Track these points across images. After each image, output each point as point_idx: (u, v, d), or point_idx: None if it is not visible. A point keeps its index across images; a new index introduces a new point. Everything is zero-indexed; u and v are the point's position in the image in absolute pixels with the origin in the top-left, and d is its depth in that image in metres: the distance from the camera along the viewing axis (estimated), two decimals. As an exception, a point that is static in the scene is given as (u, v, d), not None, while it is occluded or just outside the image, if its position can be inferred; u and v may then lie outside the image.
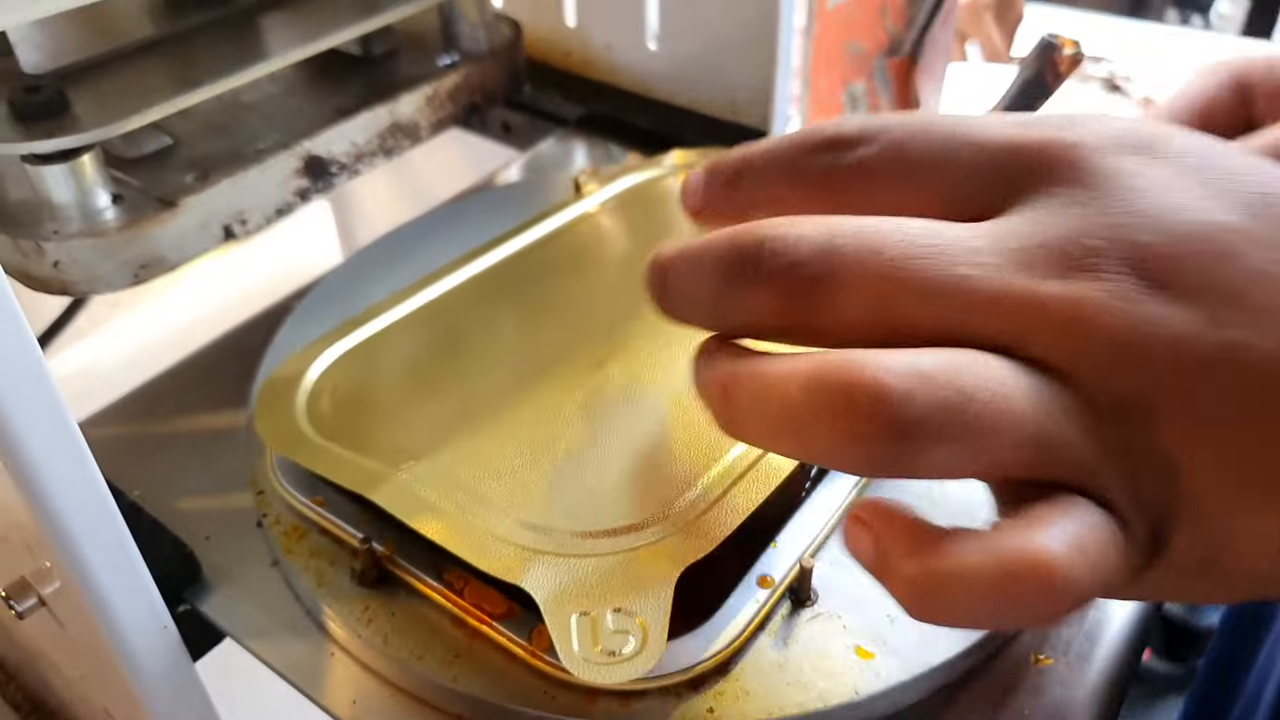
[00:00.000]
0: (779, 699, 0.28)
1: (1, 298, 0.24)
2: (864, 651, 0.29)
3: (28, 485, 0.27)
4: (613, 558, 0.28)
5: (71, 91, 0.38)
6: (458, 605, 0.31)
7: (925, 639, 0.29)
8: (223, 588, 0.35)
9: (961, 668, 0.30)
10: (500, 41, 0.50)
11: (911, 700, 0.29)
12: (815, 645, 0.29)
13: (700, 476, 0.31)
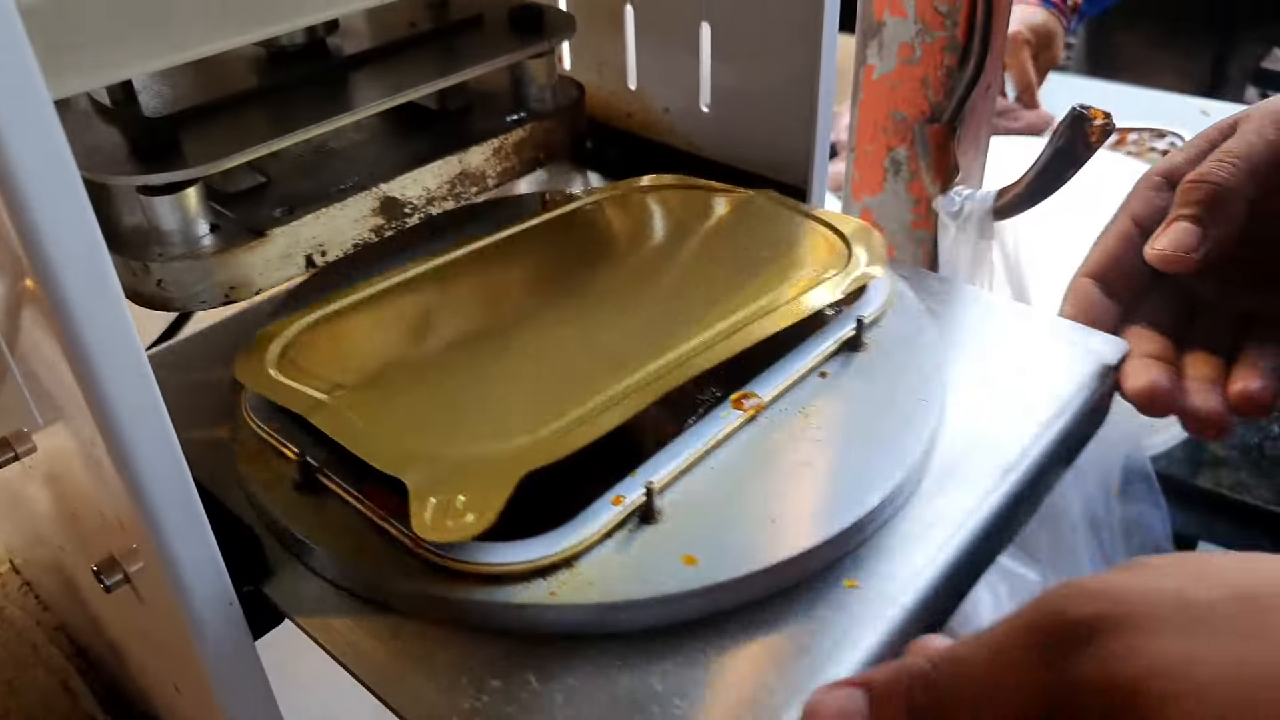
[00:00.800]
0: (612, 588, 0.34)
1: (118, 310, 0.29)
2: (690, 559, 0.34)
3: (128, 472, 0.31)
4: (479, 461, 0.36)
5: (183, 132, 0.44)
6: (364, 505, 0.37)
7: (745, 555, 0.35)
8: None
9: (774, 582, 0.35)
10: (565, 101, 0.55)
11: (730, 604, 0.34)
12: (651, 552, 0.35)
13: (571, 408, 0.38)
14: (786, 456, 0.38)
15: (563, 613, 0.33)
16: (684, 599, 0.33)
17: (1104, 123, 0.54)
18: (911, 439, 0.39)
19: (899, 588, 0.35)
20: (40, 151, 0.25)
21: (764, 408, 0.40)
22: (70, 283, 0.27)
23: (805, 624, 0.34)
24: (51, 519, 0.53)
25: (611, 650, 0.33)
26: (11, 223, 0.26)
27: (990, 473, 0.39)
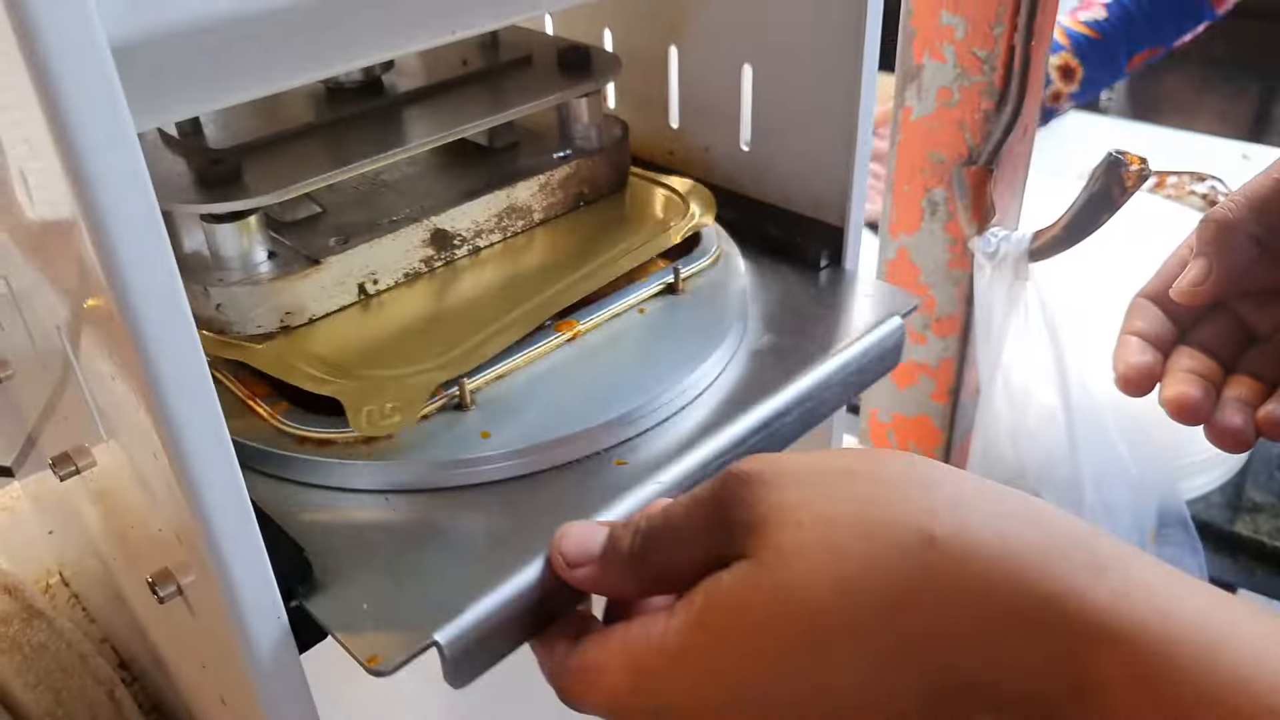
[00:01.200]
0: (419, 452, 0.43)
1: (189, 333, 0.30)
2: (486, 434, 0.43)
3: (189, 487, 0.33)
4: (403, 379, 0.44)
5: (245, 164, 0.45)
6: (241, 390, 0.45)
7: (530, 434, 0.43)
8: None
9: (550, 455, 0.43)
10: (610, 139, 0.57)
11: (519, 470, 0.43)
12: (458, 429, 0.44)
13: (466, 340, 0.47)
14: (589, 369, 0.47)
15: (378, 469, 0.42)
16: (475, 462, 0.42)
17: (1140, 168, 0.55)
18: (695, 359, 0.47)
19: (660, 468, 0.43)
20: (125, 182, 0.27)
21: (582, 333, 0.49)
22: (145, 306, 0.29)
23: (578, 489, 0.42)
24: (102, 532, 0.55)
25: (421, 500, 0.42)
26: (93, 248, 0.28)
27: (768, 388, 0.47)
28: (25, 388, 0.53)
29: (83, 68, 0.25)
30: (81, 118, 0.26)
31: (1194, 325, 0.53)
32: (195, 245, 0.47)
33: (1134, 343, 0.52)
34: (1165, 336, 0.52)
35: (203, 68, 0.32)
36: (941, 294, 0.69)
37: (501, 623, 0.36)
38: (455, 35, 0.40)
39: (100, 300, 0.30)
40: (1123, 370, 0.51)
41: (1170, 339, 0.52)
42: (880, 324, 0.51)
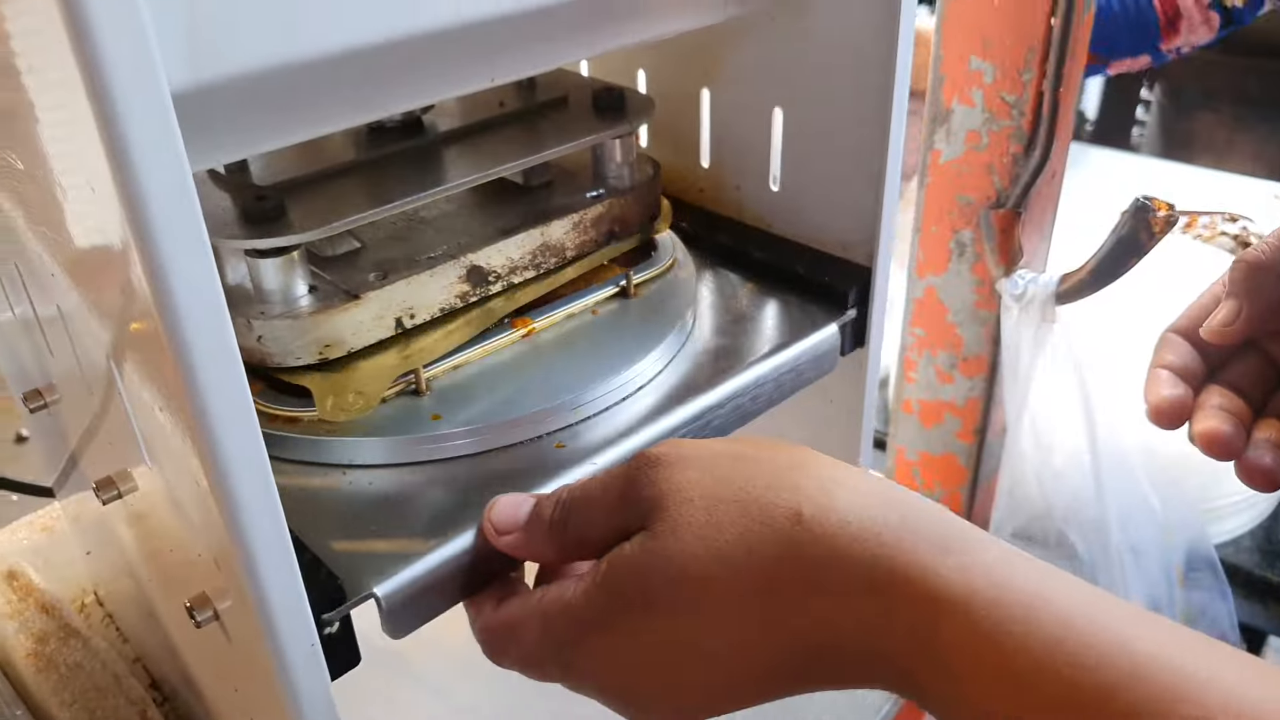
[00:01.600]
0: (385, 433, 0.47)
1: (234, 364, 0.31)
2: (437, 416, 0.48)
3: (231, 515, 0.34)
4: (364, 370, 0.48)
5: (288, 200, 0.47)
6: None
7: (476, 418, 0.47)
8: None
9: (492, 437, 0.47)
10: (641, 179, 0.58)
11: (467, 450, 0.47)
12: (412, 412, 0.48)
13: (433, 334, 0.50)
14: (539, 362, 0.52)
15: (338, 445, 0.47)
16: (425, 441, 0.47)
17: (1167, 214, 0.56)
18: (636, 356, 0.51)
19: (596, 452, 0.47)
20: (179, 219, 0.29)
21: (536, 330, 0.53)
22: (194, 337, 0.30)
23: (518, 468, 0.46)
24: (138, 553, 0.56)
25: (376, 474, 0.46)
26: (148, 281, 0.29)
27: (704, 384, 0.51)
28: (71, 411, 0.55)
29: (146, 112, 0.27)
30: (143, 159, 0.27)
31: (1224, 364, 0.54)
32: (238, 278, 0.48)
33: (1165, 376, 0.53)
34: (1195, 372, 0.53)
35: (255, 113, 0.34)
36: (969, 334, 0.69)
37: (436, 581, 0.41)
38: (494, 82, 0.41)
39: (149, 328, 0.31)
40: (1154, 402, 0.52)
41: (1200, 375, 0.53)
42: (815, 330, 0.56)
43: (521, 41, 0.41)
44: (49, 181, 0.35)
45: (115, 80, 0.26)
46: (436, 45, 0.37)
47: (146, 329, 0.32)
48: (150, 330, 0.31)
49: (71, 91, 0.27)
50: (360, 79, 0.37)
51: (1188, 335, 0.54)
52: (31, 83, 0.31)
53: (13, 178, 0.40)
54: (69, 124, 0.28)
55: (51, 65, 0.27)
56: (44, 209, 0.38)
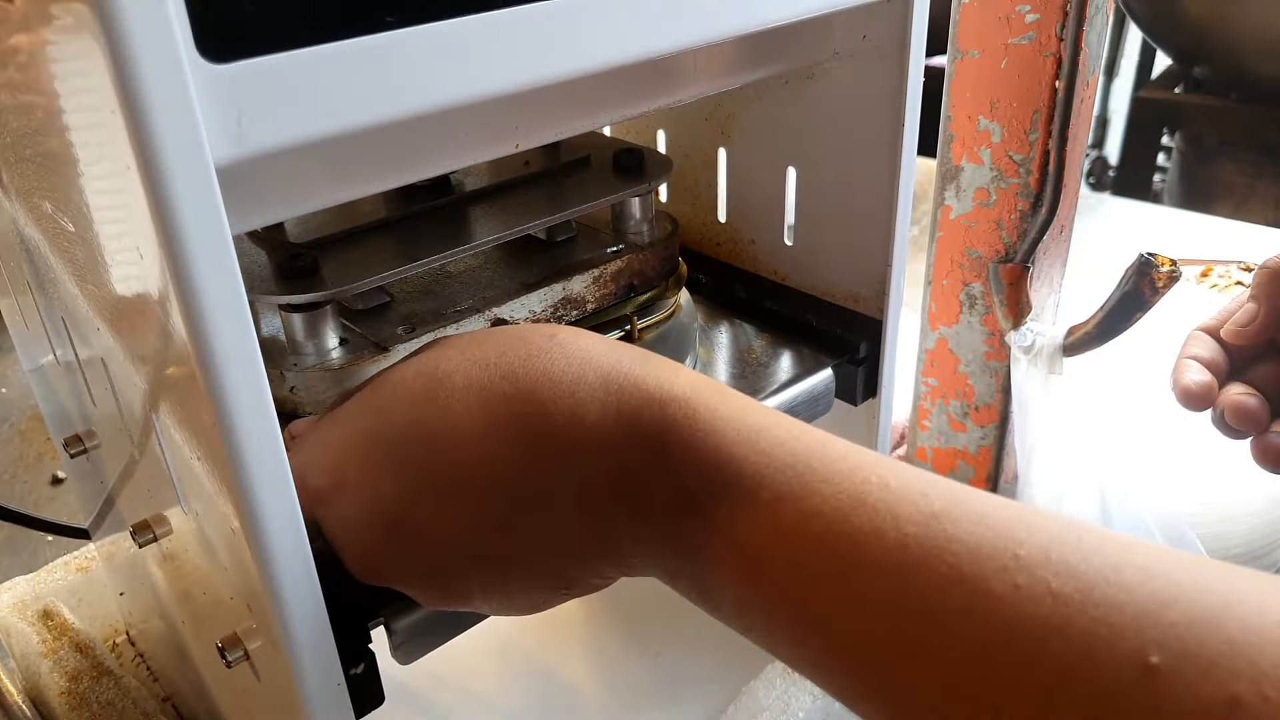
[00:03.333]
0: None
1: (269, 415, 0.34)
2: None
3: (263, 559, 0.35)
4: None
5: (322, 257, 0.49)
6: None
7: None
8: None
9: None
10: (660, 235, 0.60)
11: None
12: None
13: None
14: None
15: None
16: None
17: (1170, 269, 0.57)
18: None
19: None
20: (219, 279, 0.31)
21: None
22: (231, 389, 0.32)
23: None
24: (169, 594, 0.58)
25: None
26: (189, 337, 0.32)
27: None
28: (109, 457, 0.57)
29: (192, 186, 0.29)
30: (187, 226, 0.30)
31: (1246, 367, 0.58)
32: (272, 331, 0.51)
33: (1193, 364, 0.57)
34: (1220, 366, 0.57)
35: (291, 182, 0.36)
36: (980, 384, 0.71)
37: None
38: (518, 148, 0.44)
39: (188, 380, 0.33)
40: (1184, 385, 0.56)
41: (1224, 370, 0.57)
42: (811, 374, 0.58)
43: (545, 111, 0.44)
44: (97, 244, 0.37)
45: (164, 156, 0.28)
46: (466, 116, 0.40)
47: (185, 380, 0.34)
48: (189, 381, 0.33)
49: (122, 163, 0.29)
50: (395, 149, 0.39)
51: (1212, 331, 0.59)
52: (84, 154, 0.34)
53: (64, 238, 0.43)
54: (119, 193, 0.31)
55: (104, 141, 0.30)
56: (92, 268, 0.40)
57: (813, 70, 0.58)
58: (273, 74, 0.31)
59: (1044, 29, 0.58)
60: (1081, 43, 0.56)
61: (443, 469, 0.36)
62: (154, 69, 0.28)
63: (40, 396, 0.66)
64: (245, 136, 0.31)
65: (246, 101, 0.30)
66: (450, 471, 0.36)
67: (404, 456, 0.37)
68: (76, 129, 0.33)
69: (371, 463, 0.37)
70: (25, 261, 0.54)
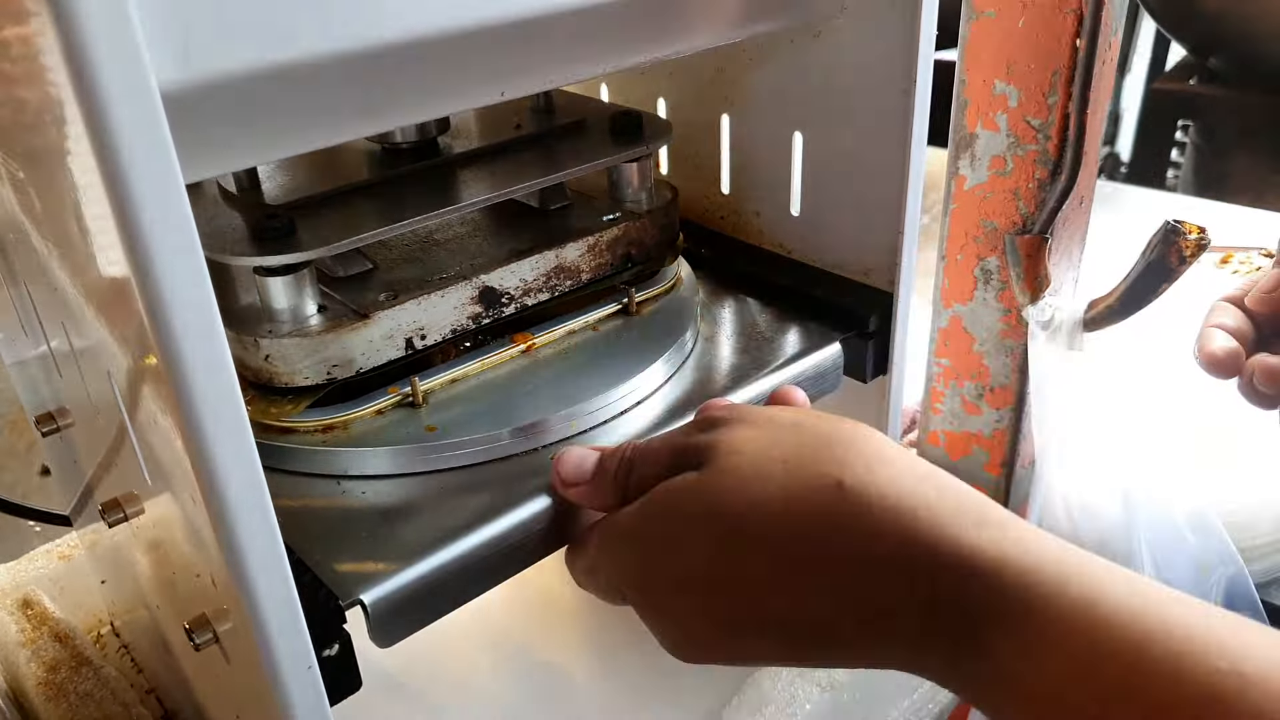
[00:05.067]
0: (379, 444, 0.46)
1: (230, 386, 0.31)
2: (431, 428, 0.47)
3: (225, 533, 0.33)
4: None
5: (299, 219, 0.47)
6: None
7: (472, 430, 0.47)
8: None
9: (487, 449, 0.47)
10: (659, 203, 0.57)
11: (461, 461, 0.47)
12: (406, 423, 0.48)
13: None
14: (538, 376, 0.51)
15: (332, 456, 0.46)
16: (419, 452, 0.46)
17: (1199, 236, 0.54)
18: (635, 370, 0.51)
19: None
20: (171, 234, 0.28)
21: (536, 346, 0.53)
22: (188, 358, 0.29)
23: (511, 480, 0.45)
24: (150, 581, 0.55)
25: (369, 485, 0.46)
26: (141, 299, 0.29)
27: (703, 399, 0.50)
28: (84, 437, 0.54)
29: (134, 111, 0.26)
30: (131, 158, 0.27)
31: (1273, 336, 0.56)
32: (249, 298, 0.48)
33: (1218, 332, 0.55)
34: (1246, 334, 0.56)
35: (253, 120, 0.33)
36: (995, 364, 0.67)
37: (425, 590, 0.40)
38: (504, 96, 0.41)
39: (141, 335, 0.31)
40: (1210, 352, 0.55)
41: (1250, 339, 0.56)
42: (819, 348, 0.55)
43: (532, 54, 0.41)
44: (44, 187, 0.35)
45: (100, 76, 0.26)
46: (443, 53, 0.37)
47: (140, 339, 0.31)
48: (143, 340, 0.30)
49: (59, 90, 0.26)
50: (364, 88, 0.36)
51: (1237, 302, 0.57)
52: (27, 88, 0.31)
53: (16, 188, 0.40)
54: (59, 125, 0.28)
55: (41, 66, 0.27)
56: (41, 216, 0.38)
57: (819, 28, 0.55)
58: (224, -11, 0.28)
59: (1064, -16, 0.55)
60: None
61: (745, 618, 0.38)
62: (89, -22, 0.25)
63: (18, 382, 0.64)
64: (192, 59, 0.28)
65: (194, 17, 0.28)
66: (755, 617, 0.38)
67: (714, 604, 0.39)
68: (12, 59, 0.31)
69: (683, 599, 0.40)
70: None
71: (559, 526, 0.44)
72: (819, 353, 0.55)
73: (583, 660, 0.69)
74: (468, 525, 0.42)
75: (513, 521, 0.43)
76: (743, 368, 0.54)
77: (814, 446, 0.38)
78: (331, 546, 0.42)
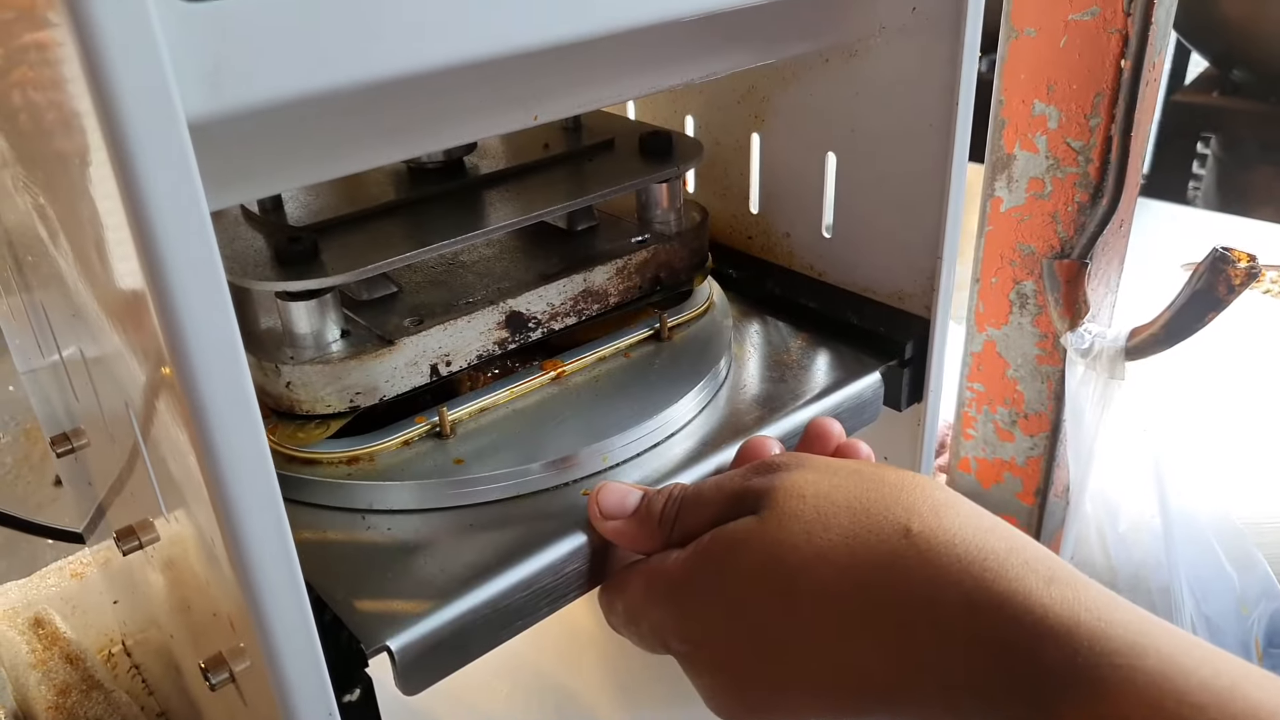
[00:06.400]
0: (405, 477, 0.45)
1: (251, 416, 0.29)
2: (460, 460, 0.45)
3: (244, 574, 0.31)
4: None
5: (323, 242, 0.45)
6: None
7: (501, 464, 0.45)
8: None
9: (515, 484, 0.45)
10: (688, 225, 0.56)
11: (489, 496, 0.45)
12: (433, 454, 0.46)
13: None
14: (569, 405, 0.49)
15: (357, 489, 0.44)
16: (446, 487, 0.44)
17: (1248, 265, 0.53)
18: (669, 400, 0.49)
19: None
20: (194, 261, 0.27)
21: (566, 373, 0.51)
22: (208, 385, 0.28)
23: (541, 516, 0.44)
24: (165, 605, 0.54)
25: (395, 520, 0.44)
26: (160, 322, 0.27)
27: (742, 431, 0.49)
28: (98, 458, 0.53)
29: (160, 143, 0.25)
30: (156, 190, 0.25)
31: None
32: (271, 321, 0.47)
33: None
34: None
35: (280, 148, 0.32)
36: (1030, 390, 0.66)
37: (455, 635, 0.38)
38: (536, 120, 0.39)
39: (161, 369, 0.29)
40: None
41: None
42: (857, 378, 0.53)
43: (566, 79, 0.40)
44: (68, 218, 0.34)
45: (126, 108, 0.24)
46: (476, 79, 0.35)
47: (160, 373, 0.30)
48: (163, 373, 0.29)
49: (84, 120, 0.25)
50: (395, 114, 0.35)
51: None
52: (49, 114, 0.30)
53: (39, 216, 0.39)
54: (84, 155, 0.27)
55: (67, 95, 0.26)
56: (65, 246, 0.37)
57: (855, 47, 0.53)
58: (257, 15, 0.27)
59: (1109, 3, 0.53)
60: (1152, 17, 0.52)
61: (802, 674, 0.36)
62: (116, 6, 0.23)
63: (32, 394, 0.63)
64: (223, 89, 0.26)
65: (225, 47, 0.26)
66: (793, 675, 0.36)
67: (770, 660, 0.37)
68: (37, 82, 0.29)
69: (738, 655, 0.38)
70: (8, 255, 0.50)
71: (594, 567, 0.42)
72: (858, 383, 0.53)
73: (599, 686, 0.68)
74: (498, 565, 0.40)
75: (545, 561, 0.41)
76: (779, 398, 0.52)
77: (879, 492, 0.37)
78: (355, 585, 0.40)
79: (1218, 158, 2.11)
